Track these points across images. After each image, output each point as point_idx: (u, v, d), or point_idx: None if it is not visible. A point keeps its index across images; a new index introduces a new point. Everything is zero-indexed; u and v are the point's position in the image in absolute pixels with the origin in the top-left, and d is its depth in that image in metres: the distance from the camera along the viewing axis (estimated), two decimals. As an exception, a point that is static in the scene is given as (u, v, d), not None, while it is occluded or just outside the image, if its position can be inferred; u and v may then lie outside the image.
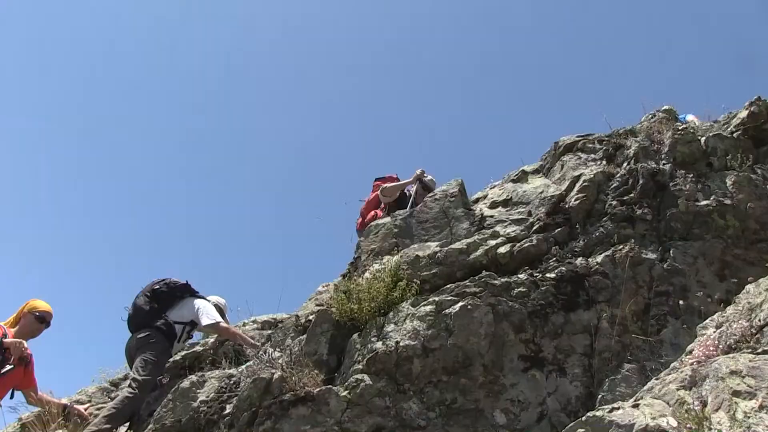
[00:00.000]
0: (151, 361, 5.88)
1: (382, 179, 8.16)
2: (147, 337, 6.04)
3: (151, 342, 6.01)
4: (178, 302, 6.39)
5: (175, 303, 6.37)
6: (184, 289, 6.46)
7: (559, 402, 4.64)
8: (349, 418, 4.55)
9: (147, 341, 6.02)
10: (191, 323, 6.32)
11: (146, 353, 5.92)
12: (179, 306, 6.37)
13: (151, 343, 6.01)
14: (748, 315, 3.77)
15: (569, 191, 5.81)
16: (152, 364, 5.88)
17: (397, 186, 7.82)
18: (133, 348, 6.10)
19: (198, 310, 6.29)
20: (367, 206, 8.00)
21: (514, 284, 5.04)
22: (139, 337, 6.07)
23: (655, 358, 4.76)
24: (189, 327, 6.34)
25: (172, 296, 6.38)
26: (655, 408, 3.33)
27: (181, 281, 6.48)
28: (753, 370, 3.01)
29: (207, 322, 6.20)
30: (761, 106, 6.14)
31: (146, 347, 5.98)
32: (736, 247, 5.34)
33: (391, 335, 4.86)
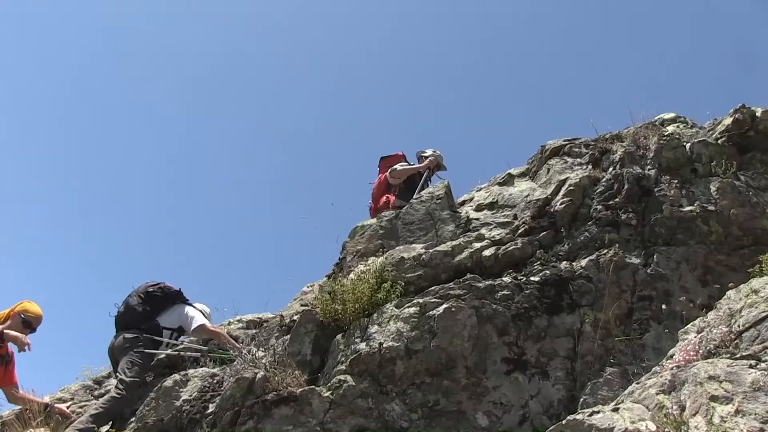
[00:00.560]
0: (137, 362, 5.88)
1: (387, 158, 8.21)
2: (135, 339, 6.04)
3: (138, 344, 6.01)
4: (170, 308, 6.43)
5: (167, 308, 6.42)
6: (177, 296, 6.51)
7: (541, 405, 4.66)
8: (331, 419, 4.55)
9: (134, 343, 6.01)
10: (179, 329, 6.38)
11: (133, 355, 5.92)
12: (170, 311, 6.41)
13: (138, 345, 6.01)
14: (728, 321, 3.80)
15: (555, 195, 5.83)
16: (138, 366, 5.88)
17: (407, 170, 7.87)
18: (118, 348, 6.08)
19: (187, 317, 6.35)
20: (378, 189, 7.99)
21: (499, 287, 5.05)
22: (127, 338, 6.06)
23: (637, 362, 4.79)
24: (176, 333, 6.39)
25: (164, 301, 6.42)
26: (634, 412, 3.36)
27: (175, 288, 6.54)
28: (730, 375, 3.04)
29: (194, 326, 6.27)
30: (745, 113, 6.18)
31: (133, 348, 5.97)
32: (718, 252, 5.38)
33: (375, 336, 4.87)
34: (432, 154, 8.09)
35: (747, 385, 2.94)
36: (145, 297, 6.34)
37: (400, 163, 8.06)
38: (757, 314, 3.60)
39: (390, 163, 8.09)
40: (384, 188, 7.92)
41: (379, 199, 7.84)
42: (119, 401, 5.62)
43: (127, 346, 6.00)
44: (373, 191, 8.07)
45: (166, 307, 6.42)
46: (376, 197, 7.94)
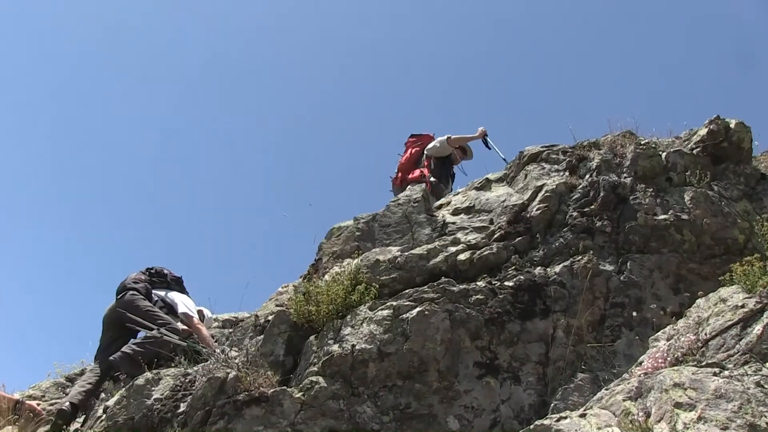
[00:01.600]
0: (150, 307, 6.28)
1: (418, 136, 8.51)
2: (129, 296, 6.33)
3: (134, 296, 6.33)
4: (165, 289, 6.74)
5: (162, 287, 6.73)
6: (176, 281, 6.87)
7: (512, 409, 4.68)
8: (302, 420, 4.54)
9: (131, 297, 6.31)
10: (168, 305, 6.58)
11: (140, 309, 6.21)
12: (165, 291, 6.71)
13: (134, 296, 6.33)
14: (696, 329, 3.85)
15: (531, 201, 5.86)
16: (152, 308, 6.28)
17: (463, 138, 8.24)
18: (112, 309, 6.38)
19: (180, 300, 6.63)
20: (408, 163, 8.28)
21: (472, 291, 5.07)
22: (119, 299, 6.36)
23: (608, 368, 4.82)
24: (162, 304, 6.57)
25: (162, 280, 6.78)
26: (601, 418, 3.39)
27: (176, 274, 6.93)
28: (695, 382, 3.08)
29: (183, 310, 6.48)
30: (720, 124, 6.26)
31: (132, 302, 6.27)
32: (691, 261, 5.43)
33: (348, 338, 4.87)
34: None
35: (710, 393, 2.98)
36: (146, 271, 6.73)
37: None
38: (724, 323, 3.64)
39: (421, 141, 8.45)
40: (414, 163, 8.24)
41: (409, 171, 8.13)
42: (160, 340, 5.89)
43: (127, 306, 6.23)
44: (401, 163, 8.38)
45: (163, 287, 6.76)
46: (405, 169, 8.24)
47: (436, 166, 8.12)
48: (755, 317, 3.51)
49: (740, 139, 6.25)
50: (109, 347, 6.09)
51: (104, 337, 6.41)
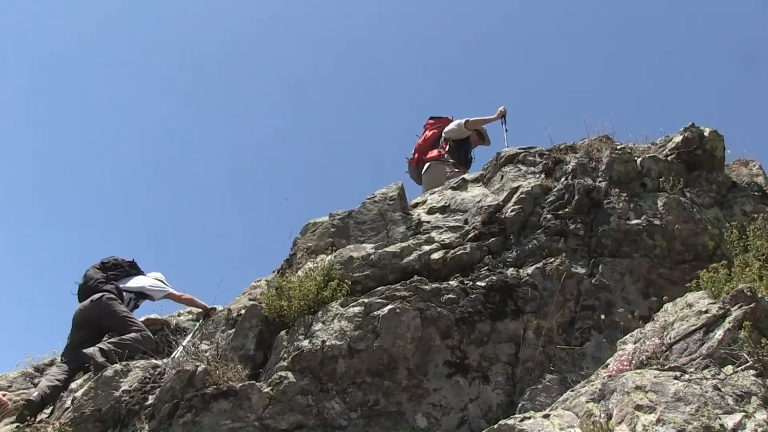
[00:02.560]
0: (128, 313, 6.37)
1: (437, 118, 8.64)
2: (107, 299, 6.37)
3: (111, 300, 6.37)
4: (125, 276, 6.83)
5: (122, 276, 6.81)
6: (131, 266, 6.95)
7: (480, 409, 4.71)
8: (270, 415, 4.54)
9: (107, 302, 6.35)
10: (139, 294, 6.76)
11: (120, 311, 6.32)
12: (126, 279, 6.81)
13: (111, 301, 6.37)
14: (661, 333, 3.90)
15: (506, 202, 5.89)
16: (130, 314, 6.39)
17: (481, 120, 8.31)
18: (89, 310, 6.35)
19: (146, 286, 6.82)
20: (425, 144, 8.43)
21: (444, 290, 5.09)
22: (94, 300, 6.36)
23: (576, 370, 4.87)
24: (136, 297, 6.76)
25: (120, 269, 6.83)
26: (564, 419, 3.42)
27: (128, 259, 7.01)
28: (656, 385, 3.12)
29: (163, 295, 6.85)
30: (694, 132, 6.33)
31: (110, 307, 6.32)
32: (661, 266, 5.49)
33: (318, 334, 4.88)
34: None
35: (670, 396, 3.02)
36: (101, 266, 6.77)
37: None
38: (687, 327, 3.69)
39: (440, 123, 8.56)
40: (431, 144, 8.39)
41: (427, 152, 8.28)
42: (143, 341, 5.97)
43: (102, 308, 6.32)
44: (419, 144, 8.52)
45: (123, 275, 6.83)
46: (423, 150, 8.39)
47: (453, 149, 8.25)
48: (718, 323, 3.57)
49: (714, 147, 6.33)
50: (80, 347, 6.05)
51: (74, 335, 6.41)
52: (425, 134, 8.55)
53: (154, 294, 6.86)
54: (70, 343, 6.36)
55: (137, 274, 6.97)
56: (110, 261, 6.86)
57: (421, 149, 8.42)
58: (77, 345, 6.15)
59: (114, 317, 6.27)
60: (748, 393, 2.93)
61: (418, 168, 8.35)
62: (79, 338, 6.28)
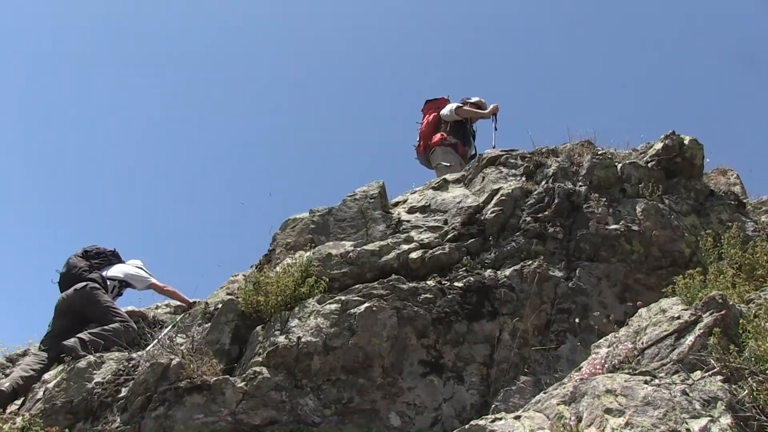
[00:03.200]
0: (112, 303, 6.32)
1: (433, 101, 8.73)
2: (91, 288, 6.31)
3: (95, 290, 6.31)
4: (107, 266, 6.79)
5: (104, 265, 6.77)
6: (113, 255, 6.93)
7: (454, 408, 4.73)
8: (243, 410, 4.53)
9: (91, 291, 6.29)
10: (122, 282, 6.71)
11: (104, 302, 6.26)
12: (108, 268, 6.77)
13: (96, 291, 6.31)
14: (634, 338, 3.93)
15: (486, 203, 5.90)
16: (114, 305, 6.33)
17: (473, 112, 8.48)
18: (72, 299, 6.29)
19: (130, 274, 6.79)
20: (428, 129, 8.52)
21: (422, 290, 5.10)
22: (78, 288, 6.30)
23: (550, 372, 4.90)
24: (119, 285, 6.70)
25: (103, 259, 6.81)
26: (534, 420, 3.44)
27: (110, 248, 6.99)
28: (626, 389, 3.15)
29: (146, 285, 6.81)
30: (675, 140, 6.38)
31: (94, 297, 6.26)
32: (638, 271, 5.53)
33: (294, 330, 4.87)
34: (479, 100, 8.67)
35: (639, 400, 3.05)
36: (83, 255, 6.73)
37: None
38: (660, 333, 3.73)
39: (437, 105, 8.64)
40: (434, 128, 8.46)
41: (430, 137, 8.39)
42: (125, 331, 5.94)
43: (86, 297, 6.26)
44: (422, 130, 8.60)
45: (105, 264, 6.80)
46: (426, 135, 8.49)
47: (453, 129, 8.36)
48: (689, 329, 3.60)
49: (693, 155, 6.39)
50: (61, 335, 6.01)
51: (56, 323, 6.34)
52: (426, 119, 8.65)
53: (137, 283, 6.80)
54: (51, 330, 6.30)
55: (118, 263, 6.94)
56: (93, 249, 6.83)
57: (425, 135, 8.53)
58: (58, 333, 6.11)
59: (98, 307, 6.21)
60: (715, 398, 2.96)
61: (426, 154, 8.48)
62: (61, 326, 6.23)
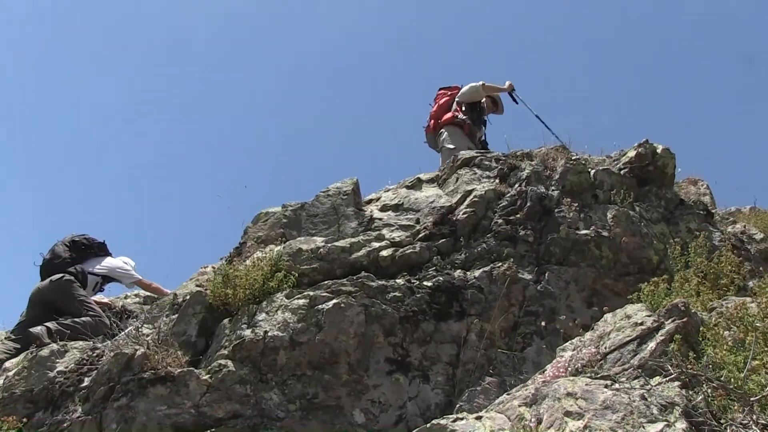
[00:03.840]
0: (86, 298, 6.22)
1: (447, 88, 8.83)
2: (67, 281, 6.24)
3: (71, 283, 6.25)
4: (93, 258, 6.71)
5: (90, 258, 6.69)
6: (101, 248, 6.84)
7: (419, 407, 4.73)
8: (207, 403, 4.51)
9: (66, 284, 6.22)
10: (105, 278, 6.67)
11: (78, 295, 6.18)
12: (94, 261, 6.70)
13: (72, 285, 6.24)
14: (598, 342, 3.97)
15: (459, 204, 5.93)
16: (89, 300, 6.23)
17: (495, 87, 8.61)
18: (46, 290, 6.24)
19: (116, 270, 6.75)
20: (439, 110, 8.63)
21: (391, 288, 5.10)
22: (54, 280, 6.23)
23: (516, 374, 4.93)
24: (101, 281, 6.66)
25: (89, 251, 6.73)
26: (495, 421, 3.46)
27: (99, 240, 6.89)
28: (586, 393, 3.17)
29: (132, 281, 6.78)
30: (648, 148, 6.46)
31: (68, 290, 6.19)
32: (606, 277, 5.58)
33: (261, 324, 4.85)
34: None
35: (598, 403, 3.07)
36: (71, 244, 6.62)
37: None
38: (623, 338, 3.76)
39: (451, 92, 8.74)
40: (445, 110, 8.58)
41: (442, 117, 8.51)
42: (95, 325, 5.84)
43: (61, 289, 6.19)
44: (433, 112, 8.71)
45: (90, 256, 6.72)
46: (438, 116, 8.61)
47: (467, 111, 8.45)
48: (651, 335, 3.64)
49: (665, 164, 6.47)
50: (31, 325, 5.95)
51: (29, 313, 6.28)
52: (438, 102, 8.74)
53: (123, 279, 6.76)
54: (24, 320, 6.23)
55: (105, 256, 6.86)
56: (81, 240, 6.73)
57: (436, 115, 8.64)
58: (30, 323, 6.03)
59: (71, 300, 6.14)
60: (672, 403, 2.99)
61: (435, 133, 8.56)
62: (34, 316, 6.16)
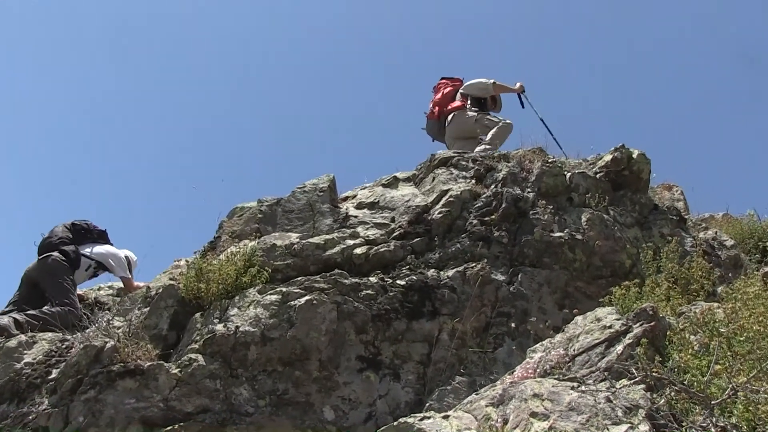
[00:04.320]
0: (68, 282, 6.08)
1: (450, 78, 8.85)
2: (53, 261, 6.16)
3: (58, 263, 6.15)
4: (91, 243, 6.63)
5: (88, 243, 6.62)
6: (101, 235, 6.78)
7: (388, 405, 4.75)
8: (176, 397, 4.48)
9: (52, 264, 6.14)
10: (98, 264, 6.54)
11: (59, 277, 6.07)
12: (92, 246, 6.61)
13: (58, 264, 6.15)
14: (567, 344, 4.00)
15: (435, 204, 5.94)
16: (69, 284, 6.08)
17: (505, 87, 8.62)
18: (33, 269, 6.23)
19: (112, 259, 6.58)
20: (444, 99, 8.62)
21: (364, 286, 5.10)
22: (41, 259, 6.20)
23: (486, 374, 4.95)
24: (95, 264, 6.53)
25: (88, 235, 6.66)
26: (462, 421, 3.48)
27: (100, 227, 6.84)
28: (552, 394, 3.20)
29: (121, 274, 6.58)
30: (624, 153, 6.51)
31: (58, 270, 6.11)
32: (579, 280, 5.62)
33: (233, 319, 4.83)
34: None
35: (564, 405, 3.10)
36: (71, 226, 6.59)
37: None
38: (591, 341, 3.80)
39: (454, 83, 8.76)
40: (450, 99, 8.59)
41: (447, 105, 8.50)
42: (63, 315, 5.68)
43: (47, 270, 6.12)
44: (437, 99, 8.68)
45: (89, 242, 6.64)
46: (443, 104, 8.58)
47: (473, 104, 8.44)
48: (619, 338, 3.68)
49: (640, 169, 6.53)
50: (17, 304, 6.02)
51: (18, 293, 6.28)
52: (443, 91, 8.72)
53: (115, 270, 6.62)
54: (13, 300, 6.25)
55: (104, 243, 6.80)
56: (81, 224, 6.70)
57: (442, 102, 8.62)
58: (15, 302, 6.10)
59: (51, 282, 6.07)
60: (636, 406, 3.03)
61: (440, 120, 8.55)
62: (20, 295, 6.19)
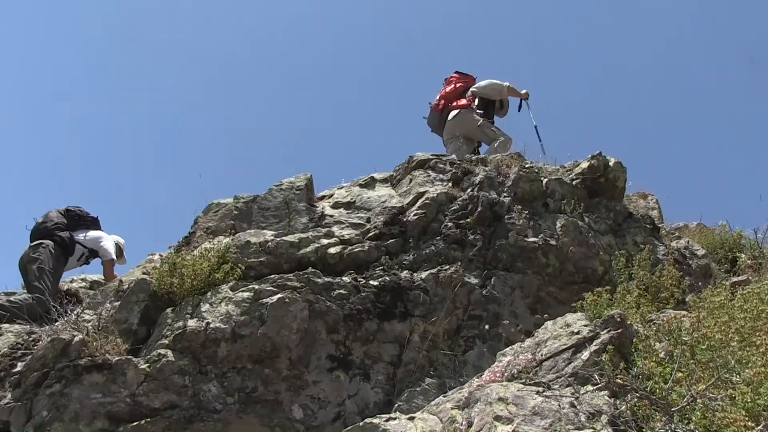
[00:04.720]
0: (47, 270, 6.13)
1: (463, 74, 8.99)
2: (44, 247, 6.28)
3: (45, 249, 6.27)
4: (84, 230, 6.77)
5: (81, 229, 6.76)
6: (94, 222, 6.92)
7: (357, 405, 4.75)
8: (144, 392, 4.46)
9: (42, 250, 6.26)
10: (91, 251, 6.70)
11: (41, 263, 6.16)
12: (85, 232, 6.76)
13: (49, 252, 6.26)
14: (535, 349, 4.02)
15: (411, 206, 5.95)
16: (48, 273, 6.12)
17: (515, 92, 8.85)
18: (24, 256, 6.31)
19: (102, 244, 6.73)
20: (453, 93, 8.76)
21: (336, 285, 5.10)
22: (33, 245, 6.30)
23: (456, 376, 4.97)
24: (88, 253, 6.70)
25: (82, 222, 6.81)
26: (427, 422, 3.49)
27: (93, 215, 6.97)
28: (517, 398, 3.22)
29: (109, 258, 6.73)
30: (600, 161, 6.56)
31: (41, 256, 6.21)
32: (551, 285, 5.66)
33: (204, 315, 4.81)
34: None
35: (528, 409, 3.12)
36: (65, 212, 6.73)
37: None
38: (559, 346, 3.82)
39: (466, 80, 8.93)
40: (459, 95, 8.74)
41: (455, 100, 8.65)
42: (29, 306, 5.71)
43: (36, 255, 6.21)
44: (446, 93, 8.82)
45: (82, 228, 6.79)
46: (451, 98, 8.72)
47: (480, 106, 8.58)
48: (586, 344, 3.71)
49: (616, 177, 6.59)
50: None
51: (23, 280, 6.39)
52: (454, 85, 8.81)
53: (102, 253, 6.76)
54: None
55: (96, 230, 6.91)
56: (75, 211, 6.81)
57: (449, 97, 8.71)
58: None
59: (33, 267, 6.15)
60: (600, 411, 3.05)
61: (443, 114, 8.62)
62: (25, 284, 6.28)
